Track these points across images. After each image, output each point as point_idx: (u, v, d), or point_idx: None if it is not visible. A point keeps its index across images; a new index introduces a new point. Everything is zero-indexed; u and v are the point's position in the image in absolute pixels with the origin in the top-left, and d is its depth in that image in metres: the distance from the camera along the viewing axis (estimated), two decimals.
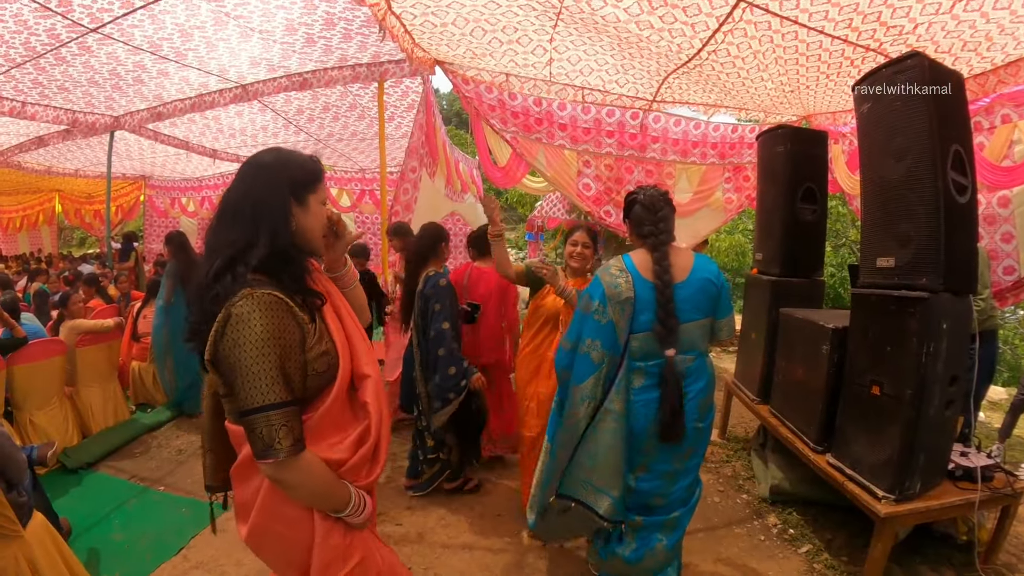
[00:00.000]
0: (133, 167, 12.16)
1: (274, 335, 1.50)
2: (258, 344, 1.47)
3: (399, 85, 6.78)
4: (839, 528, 3.96)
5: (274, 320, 1.51)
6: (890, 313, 3.12)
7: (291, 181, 1.69)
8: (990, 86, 4.61)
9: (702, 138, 7.04)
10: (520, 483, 4.16)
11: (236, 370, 1.48)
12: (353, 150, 10.25)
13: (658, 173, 7.16)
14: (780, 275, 4.79)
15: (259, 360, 1.47)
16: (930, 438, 3.04)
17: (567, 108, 6.31)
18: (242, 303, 1.49)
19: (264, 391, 1.47)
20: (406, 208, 5.86)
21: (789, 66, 4.94)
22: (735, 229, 18.12)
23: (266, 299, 1.51)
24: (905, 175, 3.05)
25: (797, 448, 3.90)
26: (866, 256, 3.38)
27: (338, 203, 12.22)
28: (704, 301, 2.70)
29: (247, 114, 8.02)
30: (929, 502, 3.09)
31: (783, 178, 4.77)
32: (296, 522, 1.65)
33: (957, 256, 2.98)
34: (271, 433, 1.47)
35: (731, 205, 7.64)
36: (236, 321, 1.48)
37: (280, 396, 1.49)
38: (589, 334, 2.68)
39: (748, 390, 5.03)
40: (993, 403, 7.60)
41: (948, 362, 3.00)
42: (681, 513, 2.83)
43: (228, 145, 9.89)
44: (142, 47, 5.20)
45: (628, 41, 4.83)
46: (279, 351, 1.50)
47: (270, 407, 1.47)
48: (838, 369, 3.61)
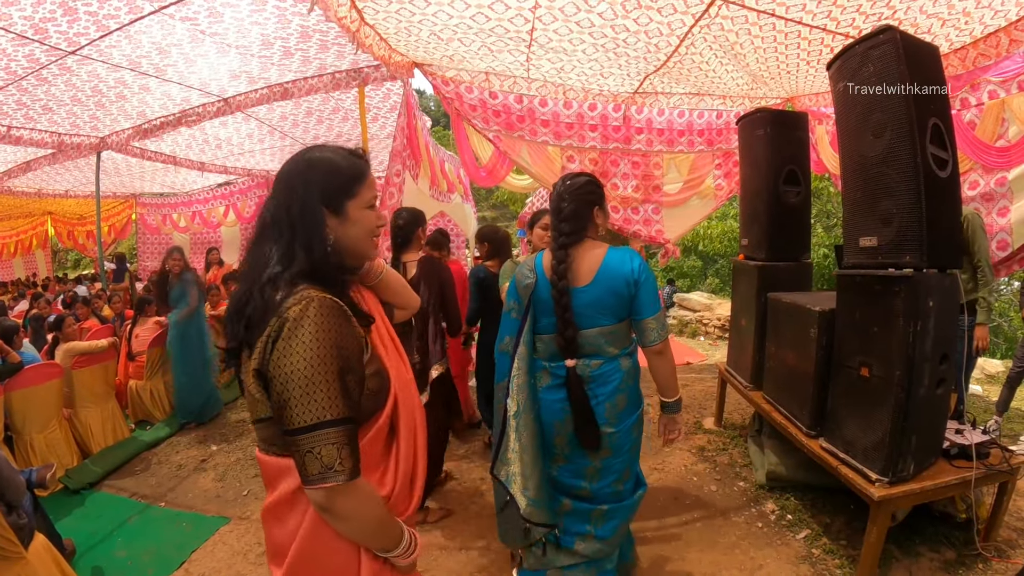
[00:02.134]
0: (122, 183, 12.10)
1: (336, 341, 1.34)
2: (318, 350, 1.31)
3: (380, 87, 6.76)
4: (837, 512, 3.94)
5: (335, 325, 1.36)
6: (875, 293, 3.09)
7: (323, 190, 1.51)
8: (970, 60, 4.58)
9: (687, 126, 7.00)
10: None
11: (291, 381, 1.30)
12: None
13: (645, 164, 7.14)
14: (767, 260, 4.77)
15: (320, 368, 1.30)
16: (922, 418, 3.01)
17: (548, 104, 6.29)
18: (299, 306, 1.34)
19: (324, 404, 1.30)
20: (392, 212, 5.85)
21: (768, 55, 4.91)
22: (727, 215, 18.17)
23: (327, 303, 1.37)
24: (884, 152, 3.01)
25: (790, 433, 3.88)
26: (849, 236, 3.35)
27: None
28: (614, 304, 2.61)
29: (231, 124, 7.98)
30: (924, 483, 3.06)
31: (765, 162, 4.75)
32: (343, 564, 1.46)
33: (941, 231, 2.94)
34: (331, 453, 1.30)
35: (721, 192, 7.62)
36: (294, 325, 1.32)
37: (342, 411, 1.32)
38: (507, 332, 2.69)
39: (741, 377, 5.01)
40: (991, 376, 7.60)
41: (937, 340, 2.97)
42: (611, 508, 2.78)
43: (215, 157, 9.85)
44: (121, 65, 5.19)
45: (605, 47, 4.83)
46: (341, 360, 1.35)
47: (331, 423, 1.30)
48: (827, 352, 3.58)
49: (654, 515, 4.09)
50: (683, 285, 21.15)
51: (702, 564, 3.52)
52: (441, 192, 7.83)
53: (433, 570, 3.54)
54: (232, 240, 12.52)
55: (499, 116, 6.08)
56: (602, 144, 6.65)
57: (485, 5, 4.13)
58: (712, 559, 3.57)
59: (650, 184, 7.23)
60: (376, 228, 1.62)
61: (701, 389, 6.99)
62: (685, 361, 9.08)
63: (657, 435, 2.98)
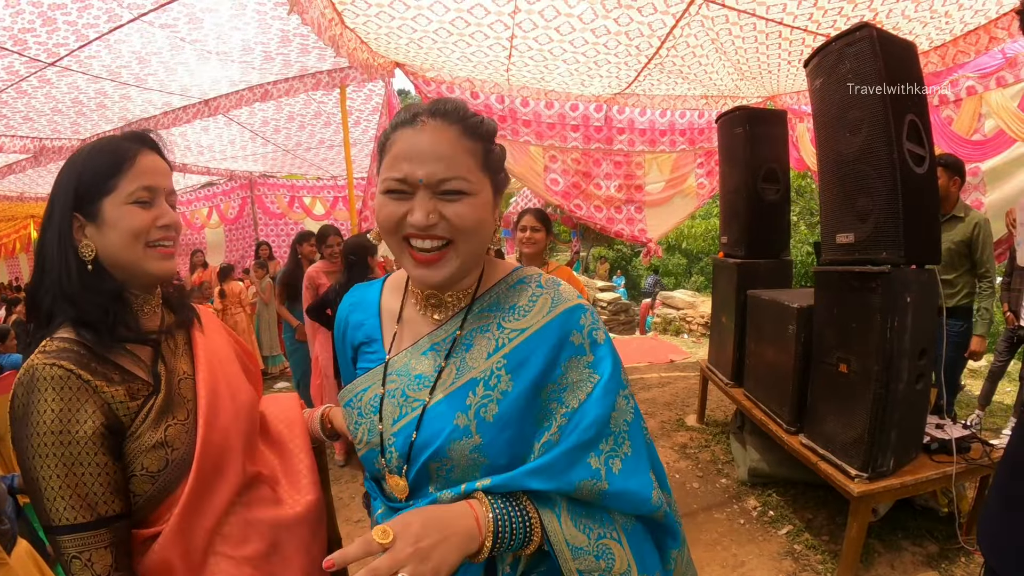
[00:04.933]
0: None
1: (54, 428, 1.04)
2: (37, 440, 1.04)
3: (362, 89, 6.73)
4: (819, 507, 3.95)
5: (53, 406, 1.05)
6: (853, 289, 3.10)
7: (75, 191, 1.18)
8: (950, 57, 4.63)
9: (669, 126, 7.03)
10: None
11: (26, 474, 1.07)
12: (323, 160, 10.19)
13: (627, 164, 7.17)
14: (746, 257, 4.79)
15: (40, 464, 1.05)
16: (901, 414, 3.02)
17: (530, 104, 6.30)
18: (22, 377, 1.08)
19: (50, 506, 1.05)
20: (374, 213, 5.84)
21: (750, 54, 4.95)
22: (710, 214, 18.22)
23: (47, 374, 1.06)
24: (860, 149, 3.03)
25: (771, 429, 3.89)
26: (826, 233, 3.36)
27: (312, 211, 12.16)
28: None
29: (213, 129, 7.93)
30: (904, 478, 3.08)
31: (743, 160, 4.76)
32: None
33: (918, 227, 2.95)
34: (68, 567, 1.05)
35: (704, 190, 7.65)
36: (15, 405, 1.08)
37: (70, 516, 1.05)
38: None
39: (722, 374, 5.02)
40: (972, 371, 7.63)
41: (915, 336, 2.99)
42: None
43: (197, 160, 9.78)
44: (101, 76, 5.15)
45: (586, 54, 4.84)
46: (64, 451, 1.04)
47: (61, 529, 1.05)
48: (806, 348, 3.59)
49: None
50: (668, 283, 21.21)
51: None
52: None
53: None
54: (216, 242, 12.39)
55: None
56: (584, 144, 6.67)
57: (465, 9, 4.13)
58: (695, 556, 3.53)
59: (632, 183, 7.26)
60: (147, 229, 1.21)
61: (684, 387, 6.99)
62: (668, 359, 9.09)
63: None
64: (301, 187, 12.29)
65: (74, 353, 1.10)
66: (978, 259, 4.33)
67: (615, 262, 20.82)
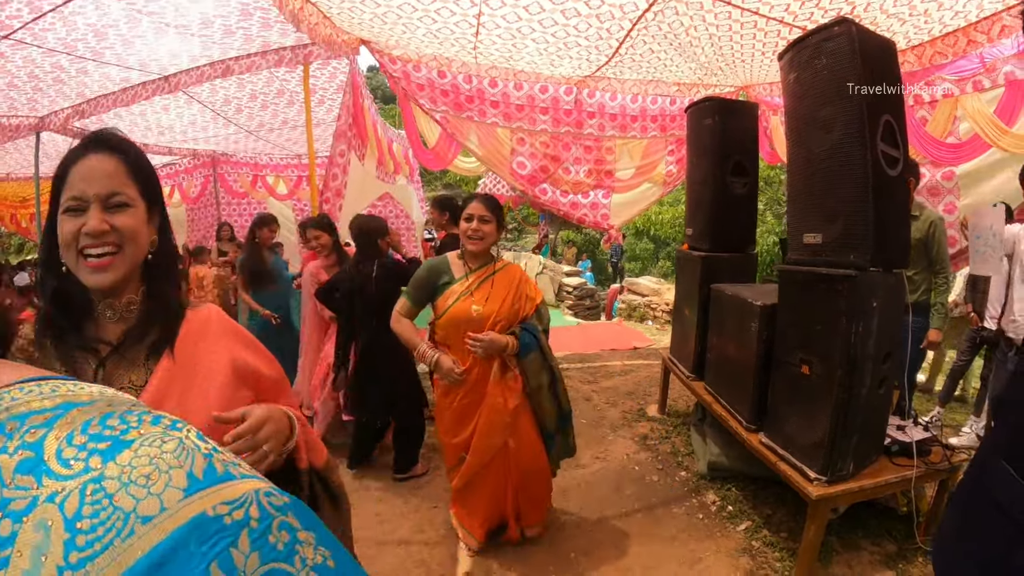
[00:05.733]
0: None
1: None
2: None
3: (326, 67, 6.56)
4: (778, 503, 3.94)
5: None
6: (818, 291, 3.06)
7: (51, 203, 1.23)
8: (927, 57, 4.61)
9: (641, 111, 6.95)
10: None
11: None
12: (286, 140, 9.96)
13: (598, 149, 7.10)
14: (711, 250, 4.74)
15: None
16: (863, 418, 3.00)
17: (499, 85, 6.18)
18: None
19: None
20: (336, 194, 5.68)
21: (723, 42, 4.89)
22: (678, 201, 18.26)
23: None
24: (832, 148, 2.97)
25: (731, 426, 3.86)
26: (793, 231, 3.32)
27: (275, 191, 11.94)
28: None
29: (173, 108, 7.69)
30: (863, 481, 3.06)
31: (712, 151, 4.70)
32: None
33: (887, 231, 2.91)
34: None
35: (672, 178, 7.62)
36: None
37: None
38: None
39: (683, 366, 5.00)
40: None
41: (880, 340, 2.96)
42: None
43: (158, 140, 9.53)
44: (57, 49, 4.94)
45: (556, 35, 4.74)
46: None
47: None
48: (768, 347, 3.55)
49: (595, 505, 4.07)
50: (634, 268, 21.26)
51: (642, 556, 3.49)
52: (387, 173, 7.67)
53: (372, 567, 3.42)
54: (178, 221, 12.13)
55: (447, 96, 5.97)
56: (553, 128, 6.58)
57: None
58: (652, 551, 3.55)
59: (603, 168, 7.20)
60: (73, 237, 1.18)
61: (647, 375, 6.99)
62: (632, 345, 9.10)
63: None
64: (264, 165, 12.02)
65: (23, 340, 1.20)
66: (934, 256, 4.40)
67: (583, 246, 20.87)
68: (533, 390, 3.25)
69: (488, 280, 3.23)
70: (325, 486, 1.48)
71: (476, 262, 3.28)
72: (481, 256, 3.28)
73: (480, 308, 3.14)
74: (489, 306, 3.15)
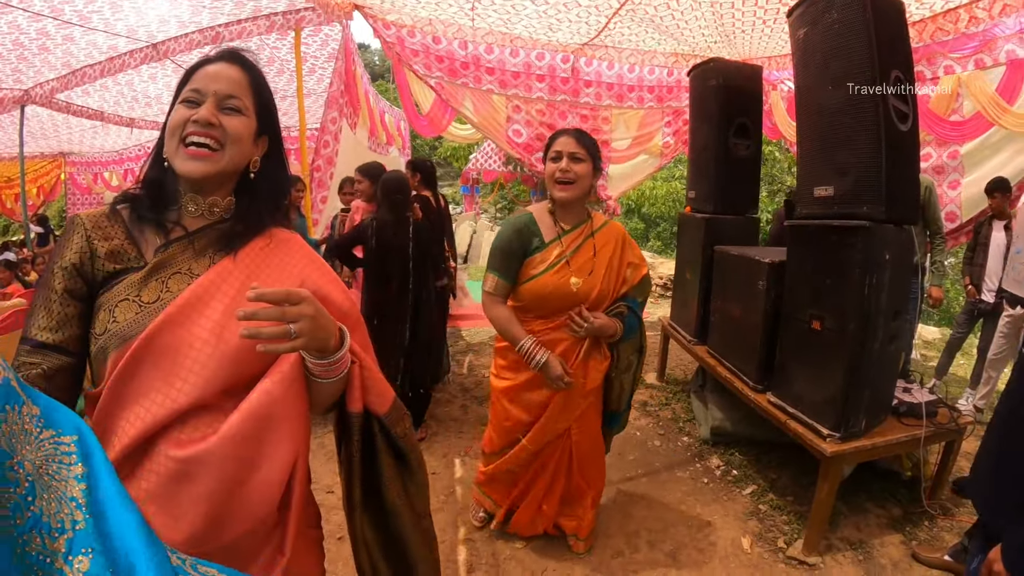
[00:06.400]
0: (49, 146, 11.47)
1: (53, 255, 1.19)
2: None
3: (318, 34, 6.42)
4: (783, 467, 3.92)
5: (59, 240, 1.23)
6: (830, 244, 3.01)
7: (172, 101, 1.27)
8: (928, 34, 4.60)
9: (638, 81, 6.86)
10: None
11: None
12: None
13: (594, 119, 7.01)
14: (714, 212, 4.68)
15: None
16: (875, 374, 2.97)
17: (495, 51, 6.08)
18: None
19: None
20: (327, 162, 5.58)
21: (725, 10, 4.81)
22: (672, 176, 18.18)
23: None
24: (844, 102, 2.91)
25: (736, 387, 3.82)
26: (803, 187, 3.26)
27: None
28: None
29: (161, 78, 7.53)
30: (875, 439, 3.04)
31: (715, 113, 4.62)
32: None
33: (899, 185, 2.86)
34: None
35: (668, 150, 7.56)
36: None
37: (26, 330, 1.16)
38: None
39: (684, 331, 4.96)
40: (928, 342, 7.77)
41: (892, 295, 2.92)
42: None
43: (145, 113, 9.36)
44: (43, 13, 4.80)
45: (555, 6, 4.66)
46: (47, 275, 1.18)
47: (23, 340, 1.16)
48: (776, 305, 3.51)
49: None
50: None
51: (648, 520, 3.44)
52: (379, 143, 7.57)
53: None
54: None
55: (442, 62, 5.86)
56: (549, 95, 6.48)
57: None
58: (659, 515, 3.51)
59: (599, 139, 7.06)
60: (181, 124, 1.20)
61: None
62: None
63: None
64: None
65: (103, 209, 1.26)
66: (930, 218, 4.63)
67: None
68: (620, 371, 2.84)
69: (587, 243, 2.69)
70: (387, 437, 1.39)
71: (570, 219, 2.71)
72: (574, 209, 2.71)
73: (579, 282, 2.60)
74: (592, 279, 2.64)
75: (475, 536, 3.26)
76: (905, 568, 3.03)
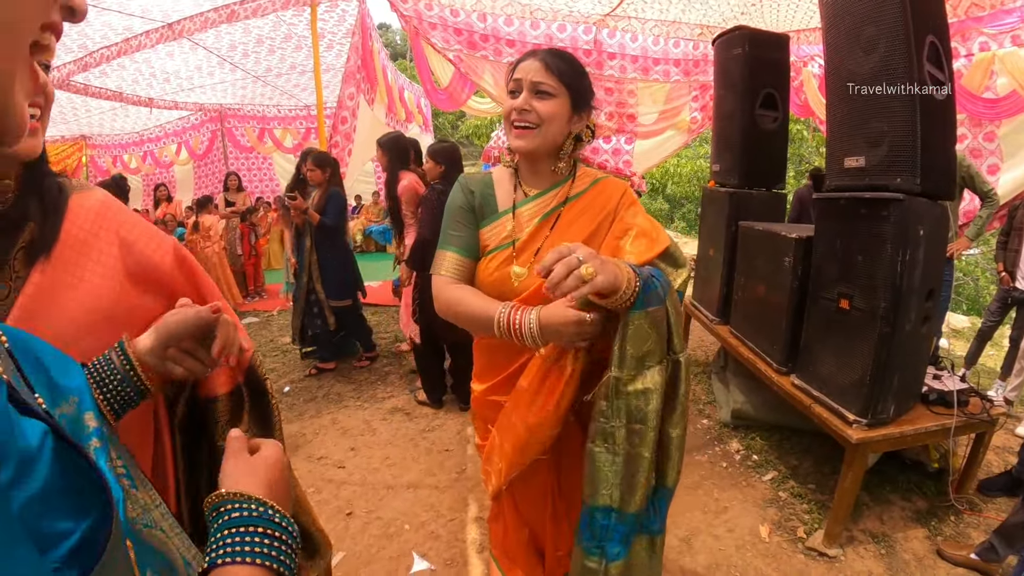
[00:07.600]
0: (69, 129, 11.62)
1: None
2: None
3: (335, 9, 6.33)
4: (805, 453, 3.78)
5: None
6: (861, 217, 2.83)
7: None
8: (962, 9, 4.50)
9: (663, 54, 6.70)
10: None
11: None
12: (294, 86, 9.82)
13: (619, 92, 6.88)
14: (739, 186, 4.49)
15: None
16: (905, 357, 2.80)
17: (514, 23, 5.95)
18: None
19: None
20: (346, 138, 5.50)
21: None
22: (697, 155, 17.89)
23: None
24: (876, 68, 2.73)
25: (759, 369, 3.66)
26: (832, 158, 3.08)
27: (282, 144, 11.80)
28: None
29: (178, 54, 7.56)
30: (903, 427, 2.87)
31: (741, 83, 4.41)
32: None
33: (934, 156, 2.68)
34: None
35: (696, 125, 7.39)
36: None
37: None
38: None
39: (707, 310, 4.81)
40: (956, 331, 7.57)
41: (925, 273, 2.74)
42: None
43: (164, 92, 9.43)
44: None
45: None
46: None
47: None
48: (803, 283, 3.34)
49: None
50: None
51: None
52: (399, 120, 7.46)
53: (380, 511, 3.33)
54: (185, 179, 12.22)
55: (460, 35, 5.73)
56: None
57: None
58: (676, 498, 3.38)
59: (624, 112, 6.98)
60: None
61: None
62: None
63: None
64: (272, 118, 11.87)
65: None
66: (979, 187, 4.49)
67: None
68: (628, 370, 1.79)
69: (553, 215, 1.69)
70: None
71: (537, 181, 1.72)
72: (542, 166, 1.71)
73: (524, 272, 1.63)
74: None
75: (484, 515, 3.16)
76: (929, 565, 2.87)
